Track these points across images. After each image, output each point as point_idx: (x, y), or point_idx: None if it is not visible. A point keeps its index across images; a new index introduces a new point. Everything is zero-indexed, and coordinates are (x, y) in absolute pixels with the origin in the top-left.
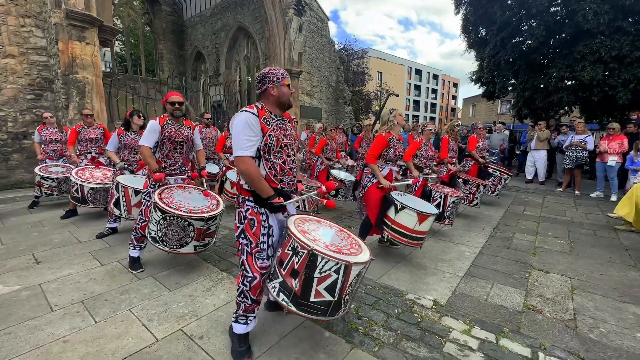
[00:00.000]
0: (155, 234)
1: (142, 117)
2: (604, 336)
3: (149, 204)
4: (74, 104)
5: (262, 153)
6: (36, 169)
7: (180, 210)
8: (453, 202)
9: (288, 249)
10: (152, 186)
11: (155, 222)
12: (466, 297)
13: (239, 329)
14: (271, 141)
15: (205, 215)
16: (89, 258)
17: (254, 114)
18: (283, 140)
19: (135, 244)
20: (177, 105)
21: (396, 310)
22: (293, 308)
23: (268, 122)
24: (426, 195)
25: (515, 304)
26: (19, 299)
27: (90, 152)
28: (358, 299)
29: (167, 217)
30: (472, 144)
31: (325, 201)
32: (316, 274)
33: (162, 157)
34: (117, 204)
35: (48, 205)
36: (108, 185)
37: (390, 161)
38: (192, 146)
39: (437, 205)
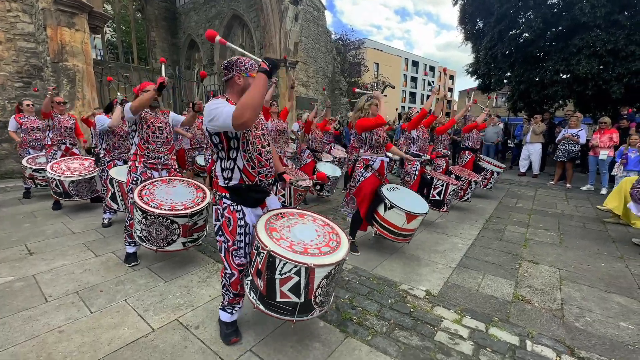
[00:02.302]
0: (140, 232)
1: None
2: (589, 325)
3: (132, 201)
4: (64, 93)
5: (240, 142)
6: (24, 162)
7: (161, 208)
8: (453, 190)
9: (254, 248)
10: (133, 182)
11: (138, 222)
12: (458, 288)
13: (225, 317)
14: (247, 131)
15: (188, 211)
16: (83, 249)
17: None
18: (254, 130)
19: (129, 240)
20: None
21: (389, 301)
22: (261, 307)
23: None
24: (426, 183)
25: (505, 294)
26: (12, 290)
27: (64, 143)
28: (352, 289)
29: (148, 217)
30: (466, 130)
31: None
32: (277, 275)
33: (142, 141)
34: (113, 198)
35: (40, 196)
36: (89, 176)
37: (377, 147)
38: (172, 132)
39: (439, 193)
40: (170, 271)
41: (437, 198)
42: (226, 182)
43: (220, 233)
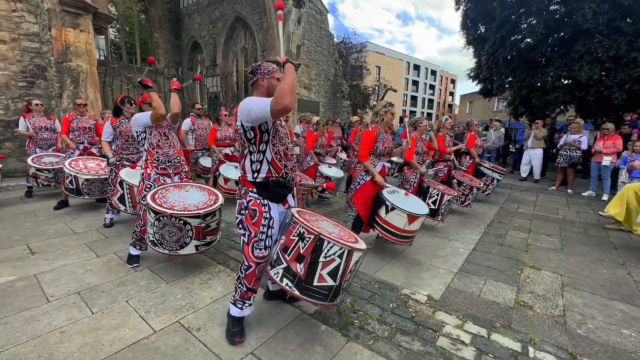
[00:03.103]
0: (152, 237)
1: (133, 105)
2: (592, 332)
3: (145, 203)
4: (67, 93)
5: (271, 136)
6: (29, 160)
7: (174, 209)
8: (448, 200)
9: (294, 236)
10: (147, 189)
11: (151, 225)
12: (459, 293)
13: (235, 311)
14: (276, 126)
15: (201, 212)
16: (85, 249)
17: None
18: (280, 128)
19: (136, 243)
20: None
21: (391, 305)
22: (297, 292)
23: None
24: (423, 192)
25: (507, 300)
26: (14, 290)
27: (82, 142)
28: (354, 293)
29: (161, 218)
30: (471, 142)
31: (324, 185)
32: (321, 258)
33: (152, 147)
34: (122, 199)
35: (42, 195)
36: (103, 177)
37: (381, 156)
38: (175, 136)
39: (434, 202)
40: (172, 273)
41: (432, 207)
42: (254, 175)
43: (241, 226)
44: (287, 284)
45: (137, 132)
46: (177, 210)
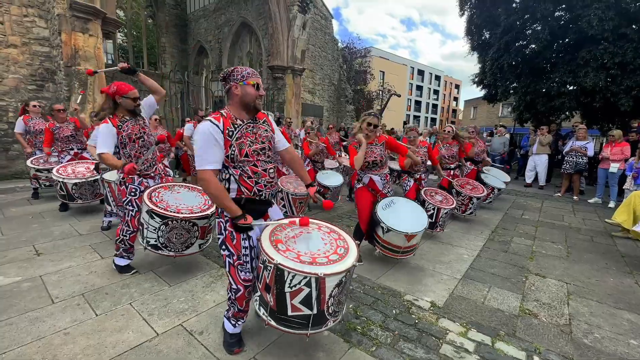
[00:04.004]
0: (156, 241)
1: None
2: (598, 342)
3: (134, 212)
4: (75, 96)
5: (226, 164)
6: (28, 162)
7: (181, 213)
8: (445, 212)
9: (260, 262)
10: (132, 193)
11: (155, 229)
12: (463, 300)
13: (229, 328)
14: (232, 152)
15: (209, 212)
16: (89, 251)
17: (217, 126)
18: (250, 146)
19: (124, 254)
20: (138, 102)
21: (394, 311)
22: (273, 323)
23: (230, 134)
24: (420, 201)
25: (511, 307)
26: (20, 291)
27: (72, 149)
28: (356, 299)
29: (170, 222)
30: (467, 148)
31: (323, 201)
32: (287, 289)
33: (130, 159)
34: (106, 199)
35: (48, 197)
36: (92, 179)
37: (369, 169)
38: (150, 134)
39: (430, 216)
40: (175, 275)
41: (430, 220)
42: None
43: (224, 247)
44: (263, 313)
45: (120, 140)
46: (184, 213)
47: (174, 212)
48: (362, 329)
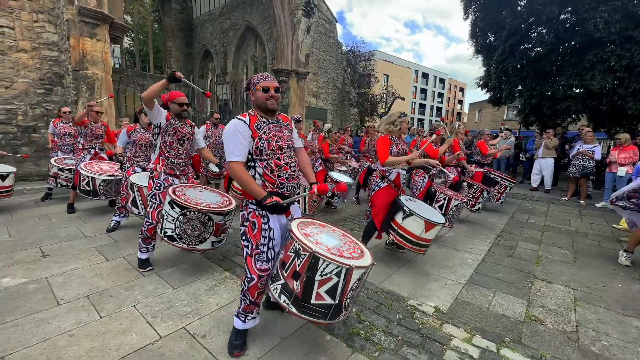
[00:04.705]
0: (172, 232)
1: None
2: (606, 349)
3: (156, 205)
4: (83, 99)
5: (254, 156)
6: (52, 161)
7: (200, 206)
8: (456, 205)
9: (290, 251)
10: (157, 188)
11: (173, 219)
12: (468, 305)
13: (238, 324)
14: (262, 144)
15: (225, 209)
16: (95, 253)
17: (244, 122)
18: (277, 142)
19: (143, 246)
20: (185, 107)
21: (397, 316)
22: (294, 310)
23: (259, 127)
24: (430, 196)
25: (517, 313)
26: (26, 292)
27: (94, 148)
28: (360, 303)
29: (188, 213)
30: (484, 148)
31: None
32: (317, 277)
33: (164, 145)
34: (134, 202)
35: (56, 199)
36: (119, 177)
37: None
38: (192, 146)
39: (440, 207)
40: (179, 278)
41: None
42: None
43: (244, 237)
44: (284, 301)
45: (152, 125)
46: (202, 206)
47: (194, 204)
48: (365, 333)
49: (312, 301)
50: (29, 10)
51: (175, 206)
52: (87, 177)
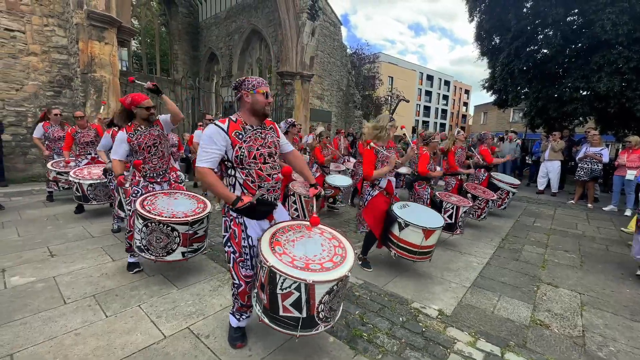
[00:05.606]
0: (139, 242)
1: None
2: (614, 355)
3: (130, 213)
4: (91, 102)
5: (234, 165)
6: (49, 165)
7: (162, 216)
8: (465, 211)
9: (258, 262)
10: (134, 194)
11: (139, 230)
12: (472, 308)
13: (233, 321)
14: (242, 153)
15: (189, 219)
16: (101, 253)
17: (222, 129)
18: (258, 149)
19: (129, 251)
20: (152, 110)
21: (401, 319)
22: (266, 320)
23: (240, 135)
24: (435, 206)
25: (522, 317)
26: (34, 291)
27: (89, 154)
28: (363, 306)
29: (149, 224)
30: (488, 157)
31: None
32: (278, 290)
33: (141, 170)
34: (120, 205)
35: (63, 200)
36: (105, 180)
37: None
38: (167, 144)
39: (450, 216)
40: (183, 279)
41: (449, 221)
42: None
43: (228, 244)
44: (258, 310)
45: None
46: (165, 217)
47: (155, 215)
48: (368, 336)
49: (281, 313)
50: (40, 14)
51: (138, 217)
52: (75, 182)
